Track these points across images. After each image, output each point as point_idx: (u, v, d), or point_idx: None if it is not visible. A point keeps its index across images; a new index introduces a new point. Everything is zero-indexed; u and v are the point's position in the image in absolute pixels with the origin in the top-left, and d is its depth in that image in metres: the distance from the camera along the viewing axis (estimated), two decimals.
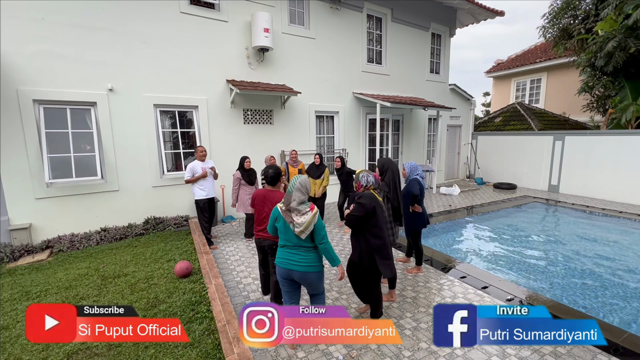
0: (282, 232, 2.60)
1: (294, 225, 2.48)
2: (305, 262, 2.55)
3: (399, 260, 4.53)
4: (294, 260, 2.56)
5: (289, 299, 2.72)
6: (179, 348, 2.64)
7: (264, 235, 3.20)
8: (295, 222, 2.48)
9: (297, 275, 2.57)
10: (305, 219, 2.47)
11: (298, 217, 2.49)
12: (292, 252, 2.57)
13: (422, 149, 10.60)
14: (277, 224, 2.63)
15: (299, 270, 2.55)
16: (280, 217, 2.58)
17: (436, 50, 10.63)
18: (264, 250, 3.33)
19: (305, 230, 2.48)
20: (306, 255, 2.56)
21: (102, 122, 5.49)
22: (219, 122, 6.60)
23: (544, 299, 3.56)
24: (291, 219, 2.49)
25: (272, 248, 3.24)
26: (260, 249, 3.39)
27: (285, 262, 2.58)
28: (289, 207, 2.52)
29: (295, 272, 2.56)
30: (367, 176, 2.96)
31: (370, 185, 2.96)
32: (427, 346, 2.74)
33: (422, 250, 4.17)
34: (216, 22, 6.35)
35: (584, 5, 10.36)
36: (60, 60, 5.08)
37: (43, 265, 4.52)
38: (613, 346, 2.71)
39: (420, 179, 3.93)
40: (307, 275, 2.57)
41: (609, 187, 8.48)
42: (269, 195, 3.20)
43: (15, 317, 3.16)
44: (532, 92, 15.11)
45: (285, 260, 2.59)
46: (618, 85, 9.43)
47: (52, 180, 5.26)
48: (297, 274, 2.56)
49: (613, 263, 4.81)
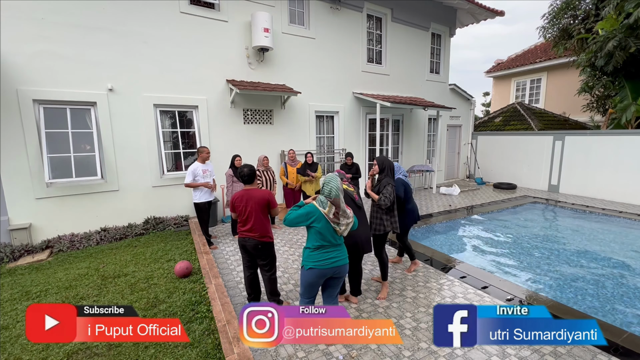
0: (317, 233, 2.57)
1: (341, 226, 2.56)
2: (344, 255, 2.69)
3: (392, 261, 4.51)
4: (338, 258, 2.64)
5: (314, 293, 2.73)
6: (179, 348, 2.64)
7: (249, 234, 3.16)
8: (341, 224, 2.56)
9: (342, 270, 2.67)
10: (349, 221, 2.60)
11: (344, 219, 2.57)
12: (332, 251, 2.62)
13: (422, 149, 10.61)
14: (317, 224, 2.56)
15: (344, 264, 2.67)
16: (321, 218, 2.55)
17: (436, 50, 10.64)
18: (247, 250, 3.23)
19: (347, 228, 2.61)
20: (342, 249, 2.70)
21: (102, 122, 5.49)
22: (219, 122, 6.60)
23: (544, 298, 3.56)
24: (338, 222, 2.55)
25: (257, 248, 3.18)
26: (244, 249, 3.26)
27: (330, 262, 2.60)
28: (339, 209, 2.54)
29: (343, 268, 2.67)
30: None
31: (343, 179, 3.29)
32: (427, 346, 2.74)
33: (410, 246, 4.24)
34: (216, 22, 6.35)
35: (584, 5, 10.35)
36: (60, 60, 5.08)
37: (43, 265, 4.52)
38: (613, 346, 2.71)
39: (403, 178, 3.96)
40: (345, 267, 2.71)
41: (609, 187, 8.48)
42: (249, 194, 3.18)
43: (15, 317, 3.17)
44: (532, 92, 15.11)
45: (328, 261, 2.59)
46: (618, 85, 9.42)
47: (52, 180, 5.26)
48: (342, 268, 2.67)
49: (613, 263, 4.81)
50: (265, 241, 3.19)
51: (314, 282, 2.65)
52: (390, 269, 4.29)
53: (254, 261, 3.31)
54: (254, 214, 3.13)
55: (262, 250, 3.20)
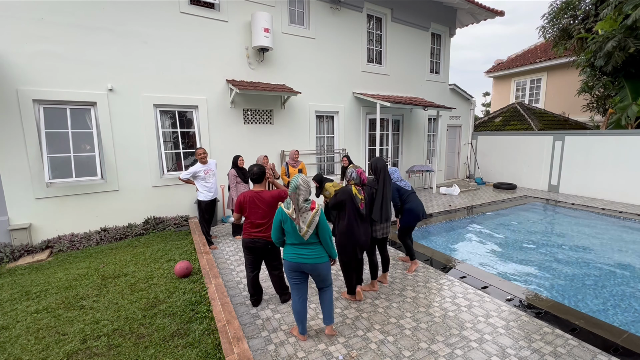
0: (290, 232, 2.65)
1: (299, 227, 2.58)
2: (314, 255, 2.67)
3: (401, 259, 4.56)
4: (304, 255, 2.67)
5: (298, 292, 2.78)
6: (179, 348, 2.64)
7: (260, 235, 3.18)
8: (301, 224, 2.57)
9: (308, 268, 2.68)
10: (307, 217, 2.57)
11: (303, 215, 2.57)
12: (301, 248, 2.68)
13: (422, 149, 10.61)
14: (285, 226, 2.67)
15: (310, 263, 2.66)
16: (287, 219, 2.63)
17: (436, 50, 10.64)
18: (256, 251, 3.24)
19: (309, 229, 2.57)
20: (314, 249, 2.68)
21: (102, 122, 5.49)
22: (219, 122, 6.60)
23: (544, 298, 3.56)
24: (298, 220, 2.57)
25: (267, 248, 3.22)
26: (251, 250, 3.25)
27: (294, 257, 2.68)
28: (297, 205, 2.57)
29: (306, 265, 2.67)
30: (352, 172, 3.30)
31: (351, 180, 3.29)
32: (427, 346, 2.74)
33: (410, 245, 4.27)
34: (216, 22, 6.35)
35: (584, 5, 10.36)
36: (60, 60, 5.08)
37: (43, 265, 4.52)
38: (613, 346, 2.71)
39: (397, 184, 4.01)
40: (317, 267, 2.69)
41: (609, 187, 8.48)
42: (259, 196, 3.20)
43: (15, 317, 3.16)
44: (532, 92, 15.11)
45: (294, 255, 2.68)
46: (618, 85, 9.42)
47: (52, 180, 5.25)
48: (308, 266, 2.67)
49: (613, 263, 4.80)
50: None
51: (289, 273, 2.75)
52: (391, 268, 4.31)
53: (259, 262, 3.34)
54: (266, 216, 3.17)
55: (272, 250, 3.25)
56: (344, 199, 3.21)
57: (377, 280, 3.78)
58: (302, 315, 2.78)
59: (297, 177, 2.62)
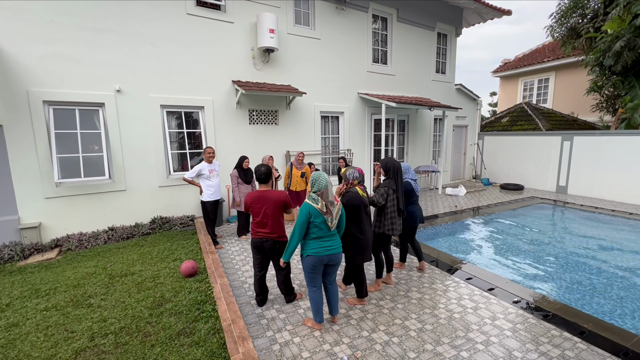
0: (318, 227, 2.79)
1: (332, 219, 2.78)
2: (337, 245, 2.91)
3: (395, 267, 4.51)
4: (329, 246, 2.84)
5: (316, 284, 2.93)
6: (185, 347, 2.66)
7: (268, 235, 3.21)
8: (333, 216, 2.79)
9: (333, 258, 2.88)
10: (334, 210, 2.82)
11: (333, 210, 2.80)
12: (326, 240, 2.85)
13: (427, 149, 10.54)
14: (315, 220, 2.77)
15: (335, 253, 2.87)
16: (317, 213, 2.77)
17: (442, 50, 10.57)
18: (263, 250, 3.28)
19: (336, 220, 2.83)
20: (336, 239, 2.92)
21: (110, 123, 5.56)
22: (225, 122, 6.65)
23: (552, 301, 3.52)
24: (331, 213, 2.78)
25: (275, 248, 3.25)
26: (260, 250, 3.29)
27: (322, 250, 2.82)
28: (328, 200, 2.78)
29: (331, 256, 2.85)
30: (353, 173, 3.28)
31: (355, 180, 3.26)
32: (432, 348, 2.72)
33: (407, 249, 4.32)
34: (222, 23, 6.40)
35: (593, 4, 10.20)
36: (69, 61, 5.16)
37: (52, 264, 4.59)
38: (623, 350, 2.66)
39: (411, 181, 3.98)
40: (339, 256, 2.93)
41: (619, 188, 8.34)
42: (265, 196, 3.23)
43: (25, 315, 3.22)
44: (540, 92, 14.92)
45: (321, 249, 2.82)
46: (628, 84, 9.24)
47: (61, 180, 5.34)
48: (334, 256, 2.87)
49: (622, 265, 4.72)
50: (282, 240, 3.28)
51: (313, 268, 2.86)
52: (395, 270, 4.29)
53: (267, 262, 3.38)
54: (273, 216, 3.20)
55: (280, 249, 3.27)
56: (358, 203, 3.14)
57: (382, 279, 3.77)
58: (320, 305, 2.95)
59: (321, 176, 2.81)
